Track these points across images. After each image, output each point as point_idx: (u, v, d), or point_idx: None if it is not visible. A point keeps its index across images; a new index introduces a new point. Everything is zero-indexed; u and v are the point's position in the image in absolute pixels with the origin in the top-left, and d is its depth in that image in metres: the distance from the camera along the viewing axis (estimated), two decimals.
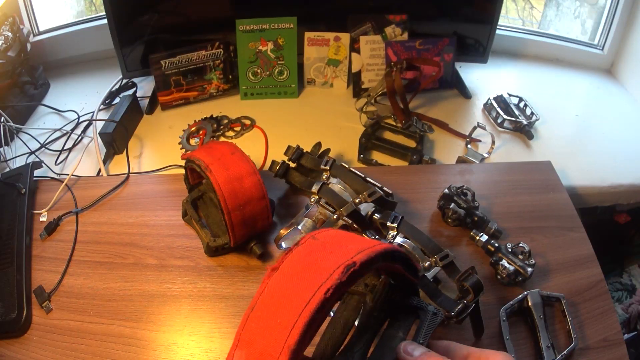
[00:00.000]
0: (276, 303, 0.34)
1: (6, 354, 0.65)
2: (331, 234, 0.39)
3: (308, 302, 0.32)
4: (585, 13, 1.33)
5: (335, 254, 0.35)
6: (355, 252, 0.35)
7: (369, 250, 0.35)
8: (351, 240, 0.38)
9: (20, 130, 1.04)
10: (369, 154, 1.00)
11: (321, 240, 0.38)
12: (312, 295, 0.32)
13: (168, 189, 0.87)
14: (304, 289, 0.33)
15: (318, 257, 0.36)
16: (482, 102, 1.14)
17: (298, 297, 0.33)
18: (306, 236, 0.39)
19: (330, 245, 0.37)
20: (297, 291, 0.34)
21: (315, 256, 0.36)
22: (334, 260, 0.34)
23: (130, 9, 1.05)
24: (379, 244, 0.37)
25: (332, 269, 0.33)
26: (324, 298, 0.32)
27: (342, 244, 0.37)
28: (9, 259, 0.73)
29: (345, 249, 0.35)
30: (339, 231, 0.41)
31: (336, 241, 0.38)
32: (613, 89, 1.23)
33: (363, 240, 0.38)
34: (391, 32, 1.11)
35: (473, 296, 0.60)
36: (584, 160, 1.01)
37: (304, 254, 0.37)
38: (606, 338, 0.64)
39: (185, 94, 1.13)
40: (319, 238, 0.38)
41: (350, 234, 0.41)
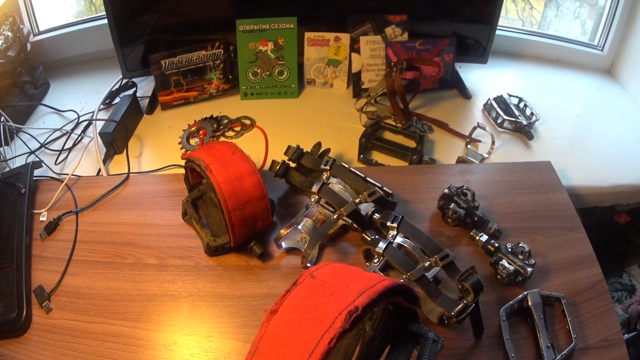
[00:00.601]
0: (278, 350, 0.33)
1: (6, 354, 0.65)
2: (330, 272, 0.38)
3: (312, 353, 0.31)
4: (585, 13, 1.33)
5: (336, 297, 0.34)
6: (357, 294, 0.33)
7: (370, 291, 0.34)
8: (351, 279, 0.36)
9: (20, 130, 1.04)
10: (369, 154, 1.00)
11: (320, 280, 0.37)
12: (316, 345, 0.31)
13: (168, 189, 0.87)
14: (306, 337, 0.32)
15: (318, 299, 0.34)
16: (482, 102, 1.14)
17: (301, 345, 0.32)
18: (304, 274, 0.37)
19: (329, 286, 0.36)
20: (299, 338, 0.33)
21: (316, 298, 0.35)
22: (335, 305, 0.33)
23: (130, 9, 1.05)
24: (380, 282, 0.36)
25: (334, 315, 0.32)
26: (327, 348, 0.31)
27: (342, 284, 0.36)
28: (9, 258, 0.73)
29: (346, 290, 0.34)
30: (337, 267, 0.39)
31: (336, 280, 0.36)
32: (613, 89, 1.23)
33: (363, 276, 0.37)
34: (391, 32, 1.11)
35: (473, 296, 0.60)
36: (584, 160, 1.01)
37: (303, 295, 0.36)
38: (606, 338, 0.64)
39: (185, 94, 1.13)
40: (317, 276, 0.37)
41: (350, 268, 0.40)
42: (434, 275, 0.67)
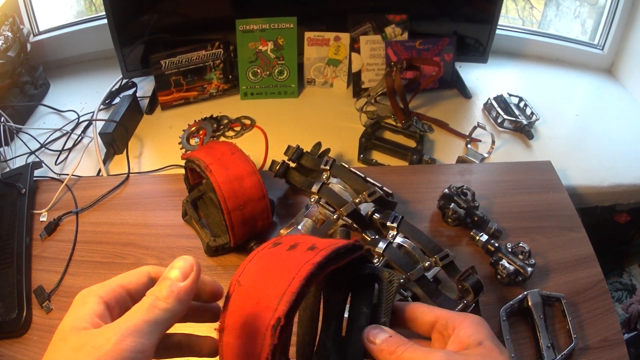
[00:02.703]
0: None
1: (6, 354, 0.65)
2: (253, 272, 0.37)
3: None
4: (585, 13, 1.33)
5: (261, 306, 0.33)
6: (278, 299, 0.32)
7: (288, 292, 0.33)
8: (273, 276, 0.35)
9: (20, 130, 1.04)
10: (369, 154, 1.00)
11: (245, 286, 0.36)
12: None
13: (168, 189, 0.87)
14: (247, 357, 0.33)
15: (247, 313, 0.34)
16: (482, 102, 1.14)
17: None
18: (232, 282, 0.37)
19: (255, 293, 0.35)
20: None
21: (245, 312, 0.34)
22: (262, 318, 0.33)
23: (130, 9, 1.05)
24: (299, 272, 0.34)
25: (263, 332, 0.32)
26: None
27: (264, 286, 0.34)
28: (9, 259, 0.73)
29: (268, 295, 0.33)
30: (260, 261, 0.38)
31: (259, 282, 0.35)
32: (613, 89, 1.23)
33: (284, 267, 0.35)
34: (391, 32, 1.11)
35: (473, 296, 0.60)
36: (584, 160, 1.01)
37: (236, 310, 0.35)
38: (606, 338, 0.64)
39: (185, 94, 1.13)
40: (243, 283, 0.36)
41: (274, 255, 0.38)
42: (434, 275, 0.67)
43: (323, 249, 0.36)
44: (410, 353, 0.35)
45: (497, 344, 0.36)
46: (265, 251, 0.39)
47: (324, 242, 0.38)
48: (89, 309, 0.32)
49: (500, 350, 0.35)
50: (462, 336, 0.36)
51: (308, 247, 0.37)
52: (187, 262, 0.35)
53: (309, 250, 0.36)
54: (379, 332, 0.37)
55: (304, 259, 0.35)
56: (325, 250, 0.36)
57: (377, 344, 0.37)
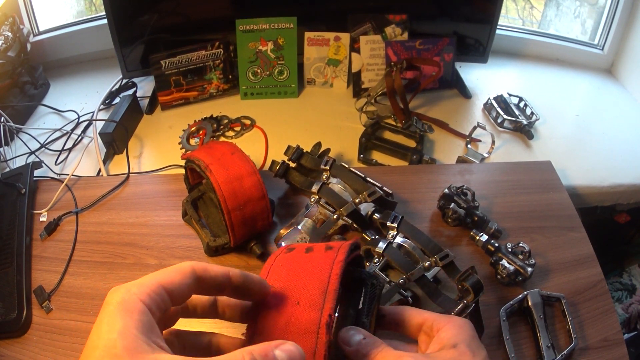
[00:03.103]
0: None
1: (6, 354, 0.65)
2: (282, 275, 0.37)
3: None
4: (585, 13, 1.33)
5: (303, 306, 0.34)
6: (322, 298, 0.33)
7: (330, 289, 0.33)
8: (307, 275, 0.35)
9: (20, 130, 1.04)
10: (369, 154, 1.00)
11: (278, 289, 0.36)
12: None
13: (168, 189, 0.87)
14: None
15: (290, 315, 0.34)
16: (482, 102, 1.14)
17: None
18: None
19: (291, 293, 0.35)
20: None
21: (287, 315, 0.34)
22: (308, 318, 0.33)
23: (130, 9, 1.05)
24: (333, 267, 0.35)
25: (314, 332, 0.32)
26: None
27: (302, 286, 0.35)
28: (9, 259, 0.73)
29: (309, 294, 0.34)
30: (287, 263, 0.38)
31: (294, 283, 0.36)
32: (613, 89, 1.23)
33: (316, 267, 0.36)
34: (391, 32, 1.11)
35: (473, 296, 0.60)
36: (584, 160, 1.01)
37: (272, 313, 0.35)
38: (606, 338, 0.64)
39: (185, 94, 1.13)
40: (274, 286, 0.36)
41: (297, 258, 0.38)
42: (434, 275, 0.67)
43: (341, 247, 0.37)
44: (382, 356, 0.35)
45: (473, 348, 0.36)
46: (283, 256, 0.39)
47: (336, 243, 0.39)
48: (136, 322, 0.27)
49: (474, 353, 0.35)
50: (442, 338, 0.37)
51: (325, 248, 0.38)
52: (296, 354, 0.29)
53: (329, 250, 0.37)
54: (354, 333, 0.37)
55: (330, 258, 0.36)
56: (343, 248, 0.37)
57: (351, 345, 0.36)
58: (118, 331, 0.26)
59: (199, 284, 0.31)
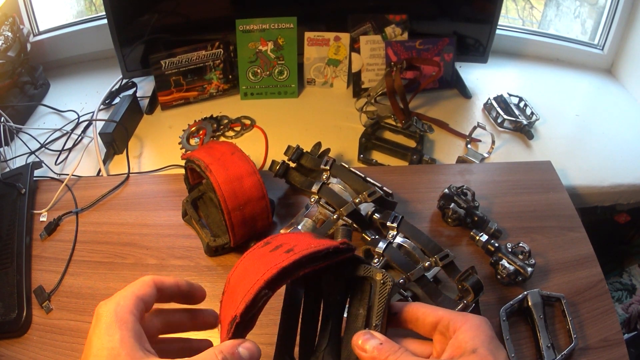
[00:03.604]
0: None
1: (6, 354, 0.65)
2: (238, 273, 0.39)
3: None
4: (585, 13, 1.33)
5: (231, 306, 0.36)
6: (241, 299, 0.35)
7: (251, 291, 0.34)
8: (249, 275, 0.37)
9: (20, 130, 1.04)
10: (369, 154, 1.00)
11: (231, 285, 0.39)
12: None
13: (168, 189, 0.87)
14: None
15: (227, 310, 0.37)
16: (482, 102, 1.14)
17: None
18: (227, 279, 0.40)
19: (233, 291, 0.38)
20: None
21: (227, 309, 0.38)
22: (230, 317, 0.35)
23: (130, 9, 1.05)
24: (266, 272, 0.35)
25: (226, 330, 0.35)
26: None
27: (239, 287, 0.37)
28: (9, 259, 0.73)
29: (237, 295, 0.36)
30: (249, 260, 0.40)
31: (238, 283, 0.38)
32: (613, 89, 1.23)
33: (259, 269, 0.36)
34: (391, 32, 1.11)
35: (473, 296, 0.60)
36: (584, 160, 1.01)
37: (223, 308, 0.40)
38: (606, 338, 0.64)
39: (185, 94, 1.13)
40: (230, 281, 0.40)
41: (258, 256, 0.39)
42: (434, 275, 0.67)
43: (298, 252, 0.36)
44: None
45: (493, 350, 0.35)
46: (255, 250, 0.41)
47: (305, 244, 0.37)
48: (131, 332, 0.31)
49: (495, 356, 0.34)
50: (460, 340, 0.35)
51: (287, 249, 0.37)
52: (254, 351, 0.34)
53: (285, 253, 0.37)
54: (369, 338, 0.36)
55: (275, 262, 0.36)
56: (297, 254, 0.36)
57: (367, 351, 0.36)
58: (119, 340, 0.30)
59: (159, 293, 0.36)
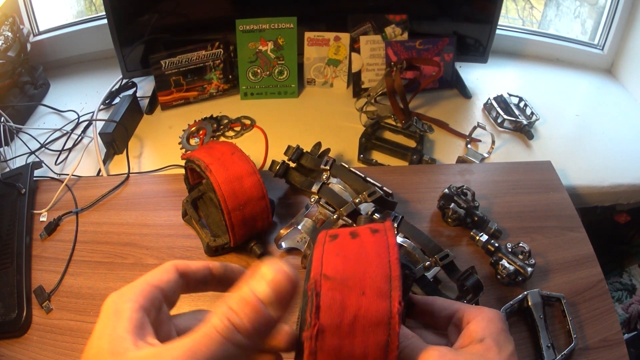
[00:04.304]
0: None
1: (6, 354, 0.65)
2: (338, 264, 0.33)
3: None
4: (585, 13, 1.33)
5: (369, 296, 0.31)
6: (387, 285, 0.31)
7: (395, 274, 0.31)
8: (364, 262, 0.33)
9: (20, 130, 1.04)
10: (369, 154, 1.00)
11: (339, 279, 0.32)
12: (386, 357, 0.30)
13: (168, 189, 0.87)
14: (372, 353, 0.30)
15: (357, 307, 0.31)
16: (482, 102, 1.14)
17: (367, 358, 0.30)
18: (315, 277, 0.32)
19: (353, 283, 0.32)
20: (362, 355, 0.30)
21: (354, 307, 0.31)
22: (377, 308, 0.30)
23: (130, 9, 1.05)
24: (390, 252, 0.33)
25: (386, 323, 0.30)
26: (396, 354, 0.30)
27: (362, 274, 0.32)
28: (9, 259, 0.73)
29: (374, 282, 0.31)
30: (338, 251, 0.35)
31: (354, 272, 0.33)
32: (613, 89, 1.23)
33: (371, 252, 0.33)
34: (391, 32, 1.11)
35: (473, 296, 0.60)
36: (584, 160, 1.01)
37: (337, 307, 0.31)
38: (606, 338, 0.64)
39: (185, 94, 1.13)
40: (332, 276, 0.33)
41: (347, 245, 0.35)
42: (434, 275, 0.67)
43: (385, 229, 0.35)
44: (410, 348, 0.35)
45: (500, 342, 0.35)
46: (330, 244, 0.36)
47: (376, 225, 0.36)
48: (125, 323, 0.27)
49: (500, 348, 0.35)
50: (470, 331, 0.36)
51: (371, 231, 0.35)
52: (280, 272, 0.26)
53: (376, 234, 0.35)
54: None
55: (382, 242, 0.34)
56: (389, 230, 0.35)
57: None
58: (108, 335, 0.26)
59: (183, 279, 0.31)
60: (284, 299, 0.25)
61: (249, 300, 0.25)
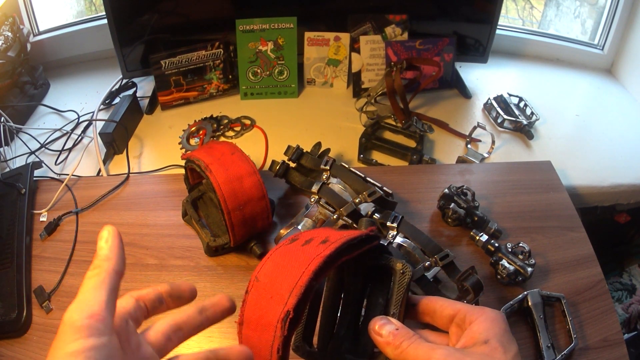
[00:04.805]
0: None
1: (6, 354, 0.65)
2: (270, 268, 0.38)
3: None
4: (585, 13, 1.33)
5: (274, 300, 0.35)
6: (288, 292, 0.34)
7: (298, 286, 0.33)
8: (287, 270, 0.36)
9: (20, 130, 1.04)
10: (369, 154, 1.00)
11: (263, 282, 0.37)
12: (270, 356, 0.34)
13: (168, 189, 0.87)
14: (262, 348, 0.35)
15: (262, 306, 0.36)
16: (482, 102, 1.14)
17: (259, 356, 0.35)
18: (251, 278, 0.38)
19: (270, 287, 0.36)
20: (257, 350, 0.35)
21: (261, 306, 0.36)
22: (274, 311, 0.34)
23: (130, 9, 1.05)
24: (310, 263, 0.34)
25: (273, 324, 0.34)
26: (277, 357, 0.33)
27: (279, 281, 0.36)
28: (9, 259, 0.73)
29: (281, 288, 0.35)
30: (277, 257, 0.39)
31: (274, 277, 0.37)
32: (613, 89, 1.23)
33: (297, 261, 0.36)
34: (391, 32, 1.11)
35: (473, 296, 0.60)
36: (584, 160, 1.01)
37: (253, 304, 0.37)
38: (606, 338, 0.64)
39: (185, 94, 1.13)
40: (261, 279, 0.38)
41: (291, 250, 0.38)
42: (434, 275, 0.67)
43: (335, 241, 0.37)
44: (414, 348, 0.35)
45: (504, 343, 0.35)
46: (283, 248, 0.40)
47: (337, 235, 0.38)
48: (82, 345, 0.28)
49: (505, 349, 0.35)
50: (474, 332, 0.36)
51: (321, 241, 0.37)
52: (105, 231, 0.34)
53: (321, 244, 0.37)
54: (386, 323, 0.37)
55: (315, 253, 0.36)
56: (336, 243, 0.36)
57: (383, 336, 0.37)
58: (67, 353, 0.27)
59: (139, 303, 0.35)
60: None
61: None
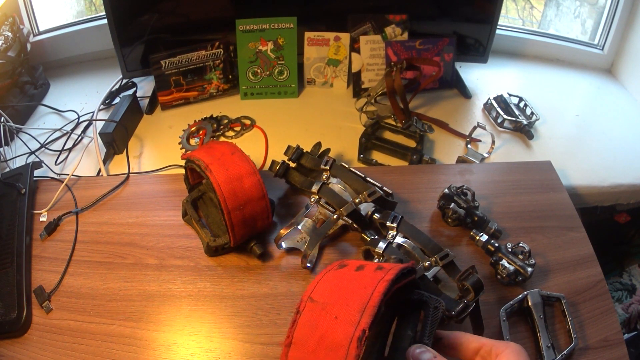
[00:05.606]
0: None
1: (6, 354, 0.65)
2: (327, 289, 0.38)
3: None
4: (585, 13, 1.33)
5: (341, 321, 0.35)
6: (359, 313, 0.34)
7: (370, 306, 0.35)
8: (349, 292, 0.37)
9: (20, 130, 1.04)
10: (369, 154, 1.00)
11: (320, 302, 0.37)
12: None
13: (168, 189, 0.87)
14: None
15: (326, 327, 0.35)
16: (482, 102, 1.14)
17: None
18: (303, 299, 0.38)
19: (331, 308, 0.36)
20: None
21: (323, 327, 0.35)
22: (343, 331, 0.34)
23: (130, 9, 1.05)
24: (375, 289, 0.36)
25: (346, 345, 0.33)
26: None
27: (343, 302, 0.36)
28: (9, 259, 0.73)
29: (348, 310, 0.35)
30: (332, 280, 0.39)
31: (336, 299, 0.37)
32: (613, 89, 1.23)
33: (360, 285, 0.37)
34: (391, 32, 1.11)
35: (473, 295, 0.60)
36: (584, 160, 1.01)
37: (310, 324, 0.36)
38: (606, 338, 0.64)
39: (185, 94, 1.13)
40: (317, 299, 0.38)
41: (345, 276, 0.40)
42: (434, 275, 0.67)
43: (391, 269, 0.39)
44: None
45: None
46: (333, 272, 0.41)
47: (388, 264, 0.40)
48: None
49: None
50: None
51: (376, 268, 0.39)
52: None
53: (378, 270, 0.39)
54: (424, 351, 0.40)
55: (377, 277, 0.37)
56: (393, 270, 0.38)
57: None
58: None
59: None
60: None
61: None
